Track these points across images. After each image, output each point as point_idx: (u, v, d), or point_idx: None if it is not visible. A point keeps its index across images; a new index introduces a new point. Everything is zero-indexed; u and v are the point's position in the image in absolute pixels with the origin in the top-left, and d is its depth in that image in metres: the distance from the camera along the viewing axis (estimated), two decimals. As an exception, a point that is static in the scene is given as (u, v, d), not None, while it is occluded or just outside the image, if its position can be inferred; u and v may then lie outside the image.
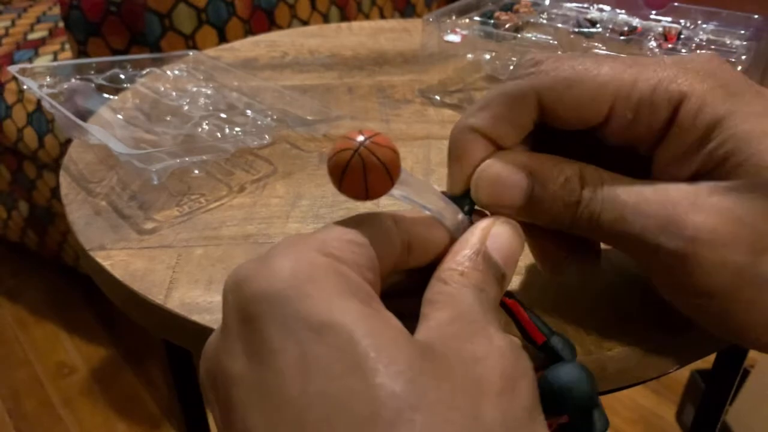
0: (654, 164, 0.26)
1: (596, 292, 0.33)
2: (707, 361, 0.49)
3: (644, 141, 0.26)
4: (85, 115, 0.52)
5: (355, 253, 0.21)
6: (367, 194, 0.22)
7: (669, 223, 0.24)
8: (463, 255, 0.23)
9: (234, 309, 0.20)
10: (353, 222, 0.23)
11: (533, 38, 0.58)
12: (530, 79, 0.27)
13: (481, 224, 0.24)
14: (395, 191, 0.24)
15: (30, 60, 1.26)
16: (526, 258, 0.31)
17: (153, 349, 1.33)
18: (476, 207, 0.28)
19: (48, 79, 0.54)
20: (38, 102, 1.19)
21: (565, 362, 0.24)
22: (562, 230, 0.27)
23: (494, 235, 0.24)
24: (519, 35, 0.59)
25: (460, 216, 0.26)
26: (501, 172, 0.26)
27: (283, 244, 0.21)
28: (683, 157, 0.25)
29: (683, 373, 1.16)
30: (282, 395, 0.18)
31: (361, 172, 0.22)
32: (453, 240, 0.26)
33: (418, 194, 0.25)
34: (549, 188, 0.26)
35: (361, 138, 0.22)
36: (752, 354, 1.01)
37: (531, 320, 0.25)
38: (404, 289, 0.25)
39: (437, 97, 0.58)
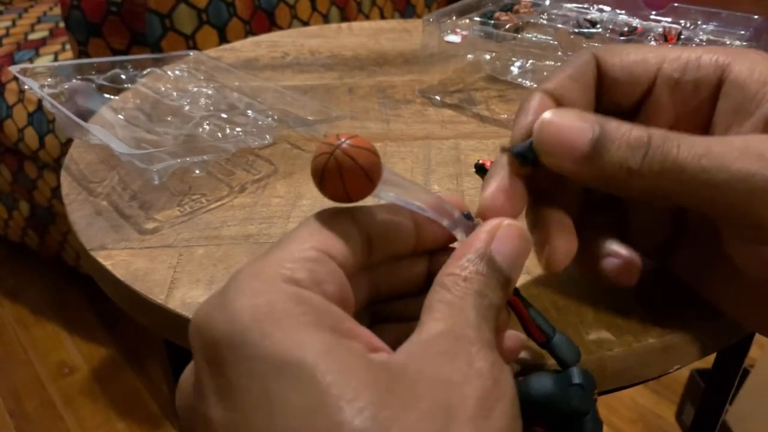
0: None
1: (597, 292, 0.33)
2: (707, 361, 0.49)
3: (693, 109, 0.27)
4: (85, 115, 0.52)
5: (314, 271, 0.21)
6: (348, 197, 0.23)
7: (762, 155, 0.23)
8: (466, 259, 0.23)
9: (200, 352, 0.20)
10: (308, 229, 0.23)
11: (533, 39, 0.58)
12: (588, 48, 0.28)
13: (486, 226, 0.24)
14: (381, 193, 0.23)
15: (30, 60, 1.27)
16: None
17: (153, 349, 1.33)
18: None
19: (49, 79, 0.54)
20: (39, 102, 1.19)
21: (542, 373, 0.24)
22: (618, 191, 0.26)
23: (500, 237, 0.23)
24: (519, 36, 0.59)
25: (457, 214, 0.26)
26: (567, 116, 0.25)
27: (240, 277, 0.21)
28: (737, 121, 0.25)
29: (683, 373, 1.16)
30: None
31: (338, 175, 0.22)
32: (451, 238, 0.26)
33: (408, 195, 0.25)
34: (615, 133, 0.24)
35: (337, 141, 0.22)
36: (752, 354, 1.01)
37: (533, 319, 0.25)
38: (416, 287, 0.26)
39: (437, 98, 0.59)
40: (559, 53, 0.55)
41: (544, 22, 0.61)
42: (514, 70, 0.61)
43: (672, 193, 0.24)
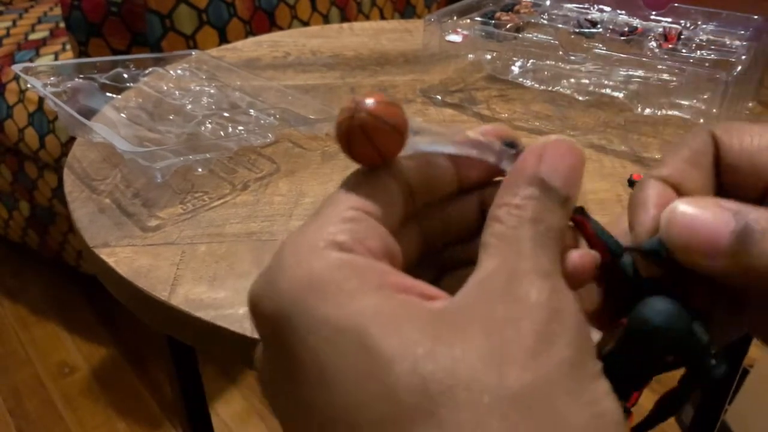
0: None
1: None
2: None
3: None
4: (88, 114, 0.52)
5: (353, 231, 0.21)
6: (380, 156, 0.22)
7: None
8: (516, 185, 0.21)
9: (259, 329, 0.21)
10: (344, 190, 0.22)
11: (534, 38, 0.59)
12: (704, 127, 0.25)
13: (531, 148, 0.22)
14: (413, 146, 0.22)
15: (31, 60, 1.27)
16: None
17: (154, 349, 1.33)
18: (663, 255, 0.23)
19: (51, 78, 0.54)
20: (39, 102, 1.19)
21: (652, 298, 0.21)
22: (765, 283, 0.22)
23: (548, 156, 0.21)
24: (520, 35, 0.59)
25: (498, 146, 0.24)
26: (701, 206, 0.22)
27: (283, 250, 0.21)
28: None
29: (682, 372, 1.16)
30: (314, 408, 0.18)
31: (365, 136, 0.21)
32: (495, 171, 0.24)
33: (441, 140, 0.23)
34: (765, 223, 0.21)
35: (357, 104, 0.21)
36: (751, 354, 1.01)
37: (599, 237, 0.23)
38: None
39: (438, 97, 0.59)
40: (560, 53, 0.56)
41: (545, 22, 0.62)
42: (515, 69, 0.61)
43: None
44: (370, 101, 0.21)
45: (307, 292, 0.19)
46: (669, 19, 0.61)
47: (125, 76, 0.58)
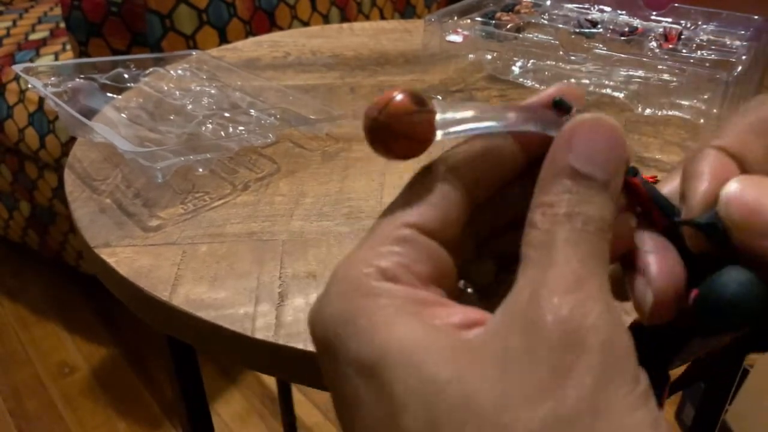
0: None
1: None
2: (707, 359, 0.49)
3: None
4: (88, 114, 0.52)
5: (402, 254, 0.20)
6: (406, 157, 0.21)
7: None
8: (547, 182, 0.20)
9: (316, 347, 0.21)
10: (400, 202, 0.21)
11: (534, 38, 0.59)
12: None
13: (560, 134, 0.20)
14: (448, 136, 0.21)
15: (31, 60, 1.27)
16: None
17: (154, 349, 1.33)
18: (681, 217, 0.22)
19: (52, 78, 0.54)
20: (39, 102, 1.19)
21: (729, 267, 0.19)
22: None
23: (577, 141, 0.20)
24: (520, 35, 0.59)
25: (545, 112, 0.22)
26: (755, 185, 0.21)
27: (333, 279, 0.20)
28: None
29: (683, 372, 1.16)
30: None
31: (381, 146, 0.21)
32: (549, 141, 0.21)
33: (479, 121, 0.22)
34: None
35: (377, 107, 0.20)
36: (751, 354, 1.01)
37: (655, 202, 0.21)
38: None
39: (439, 97, 0.59)
40: (560, 53, 0.56)
41: (545, 22, 0.62)
42: (516, 69, 0.61)
43: None
44: (389, 107, 0.21)
45: (344, 326, 0.19)
46: (669, 20, 0.61)
47: (126, 76, 0.58)
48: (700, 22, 0.60)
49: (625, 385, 0.17)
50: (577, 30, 0.60)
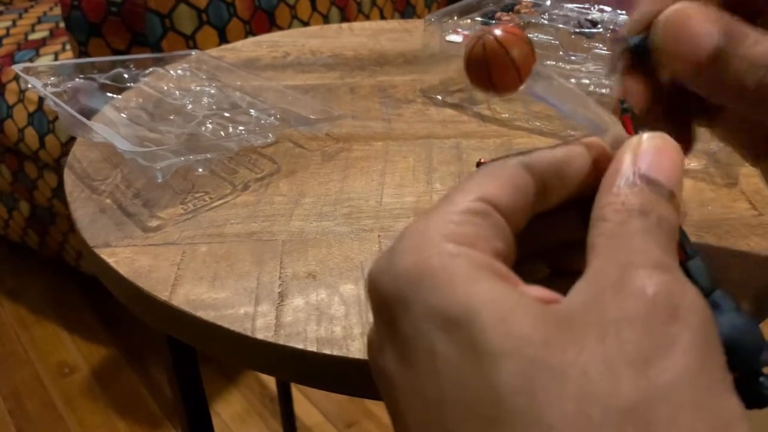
0: None
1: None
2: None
3: None
4: (88, 114, 0.52)
5: (479, 225, 0.20)
6: (493, 87, 0.21)
7: None
8: (618, 182, 0.20)
9: (375, 311, 0.20)
10: (476, 178, 0.21)
11: (534, 39, 0.59)
12: None
13: (627, 145, 0.21)
14: (531, 89, 0.21)
15: (31, 60, 1.27)
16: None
17: (154, 349, 1.33)
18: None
19: (51, 78, 0.54)
20: (39, 102, 1.19)
21: (727, 311, 0.20)
22: (727, 100, 0.25)
23: (644, 152, 0.21)
24: (520, 35, 0.59)
25: (619, 128, 0.23)
26: (693, 15, 0.23)
27: (406, 235, 0.20)
28: None
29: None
30: (426, 398, 0.18)
31: (484, 64, 0.20)
32: (611, 156, 0.22)
33: (561, 96, 0.22)
34: (739, 45, 0.23)
35: (484, 29, 0.20)
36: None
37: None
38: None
39: (439, 97, 0.59)
40: (560, 53, 0.56)
41: (545, 22, 0.62)
42: (515, 69, 0.61)
43: None
44: (501, 29, 0.20)
45: (422, 278, 0.18)
46: (669, 19, 0.61)
47: (125, 76, 0.58)
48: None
49: (721, 370, 0.17)
50: (577, 30, 0.60)
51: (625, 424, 0.15)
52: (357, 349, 0.32)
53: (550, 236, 0.24)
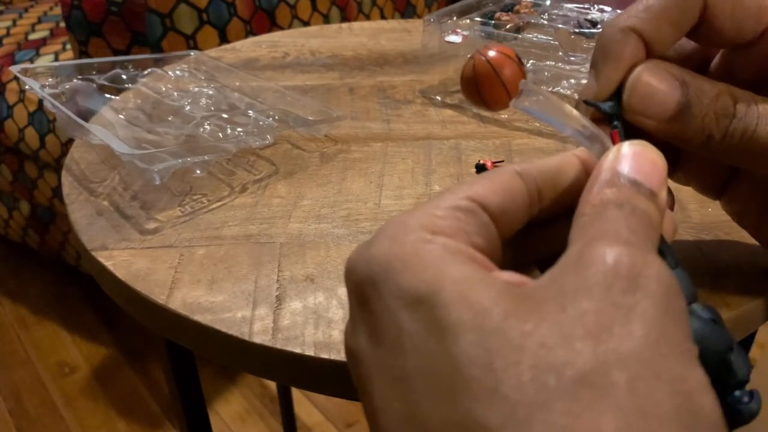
0: None
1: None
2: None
3: None
4: (86, 115, 0.52)
5: (461, 220, 0.20)
6: (484, 104, 0.22)
7: None
8: (599, 183, 0.21)
9: (351, 293, 0.21)
10: (469, 180, 0.22)
11: (534, 39, 0.58)
12: None
13: (611, 150, 0.22)
14: (523, 105, 0.22)
15: (31, 60, 1.27)
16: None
17: (154, 349, 1.33)
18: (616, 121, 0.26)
19: (50, 79, 0.54)
20: (39, 102, 1.19)
21: (702, 318, 0.20)
22: (697, 149, 0.26)
23: (624, 155, 0.21)
24: (520, 36, 0.59)
25: (607, 141, 0.24)
26: (660, 76, 0.25)
27: (386, 225, 0.21)
28: None
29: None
30: (391, 373, 0.18)
31: (473, 83, 0.21)
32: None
33: (553, 112, 0.23)
34: (702, 100, 0.25)
35: (481, 49, 0.21)
36: (752, 354, 1.01)
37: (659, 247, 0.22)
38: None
39: (438, 98, 0.59)
40: (560, 53, 0.55)
41: (545, 22, 0.61)
42: (515, 70, 0.60)
43: (744, 159, 0.26)
44: (493, 51, 0.21)
45: (392, 262, 0.19)
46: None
47: (124, 77, 0.58)
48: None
49: (684, 342, 0.17)
50: (577, 30, 0.60)
51: (581, 390, 0.15)
52: (354, 353, 0.32)
53: (548, 246, 0.24)
